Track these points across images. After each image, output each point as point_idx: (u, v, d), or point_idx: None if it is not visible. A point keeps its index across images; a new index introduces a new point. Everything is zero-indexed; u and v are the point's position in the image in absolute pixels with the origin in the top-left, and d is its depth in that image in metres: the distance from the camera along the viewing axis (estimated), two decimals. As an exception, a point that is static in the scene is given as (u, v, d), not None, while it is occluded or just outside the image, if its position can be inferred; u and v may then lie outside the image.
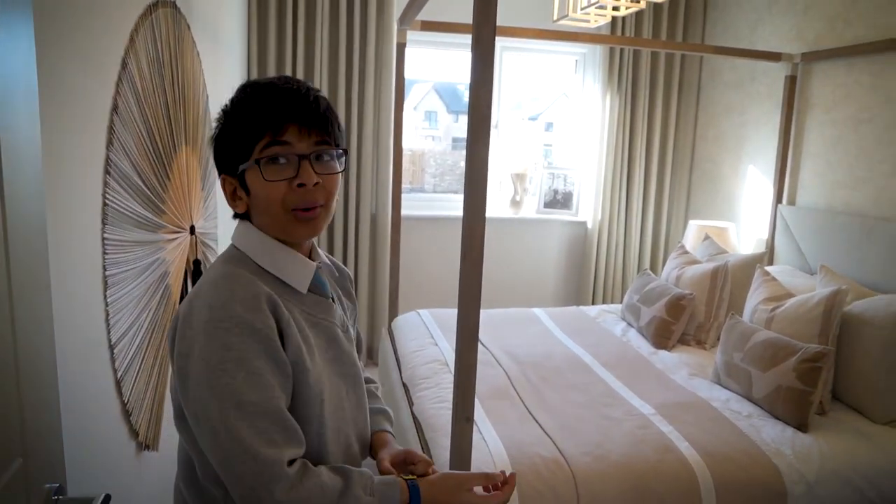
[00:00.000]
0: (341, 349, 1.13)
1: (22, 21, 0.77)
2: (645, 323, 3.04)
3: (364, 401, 1.21)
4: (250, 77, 3.78)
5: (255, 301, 0.98)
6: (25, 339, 0.76)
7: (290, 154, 1.01)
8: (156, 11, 1.85)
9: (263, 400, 0.95)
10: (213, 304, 0.97)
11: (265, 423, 0.95)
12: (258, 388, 0.95)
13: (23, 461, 0.73)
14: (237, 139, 1.03)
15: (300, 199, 1.02)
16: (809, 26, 3.39)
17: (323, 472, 0.99)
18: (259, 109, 1.01)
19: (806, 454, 2.01)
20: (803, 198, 3.44)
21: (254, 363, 0.96)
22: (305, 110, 1.02)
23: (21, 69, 0.77)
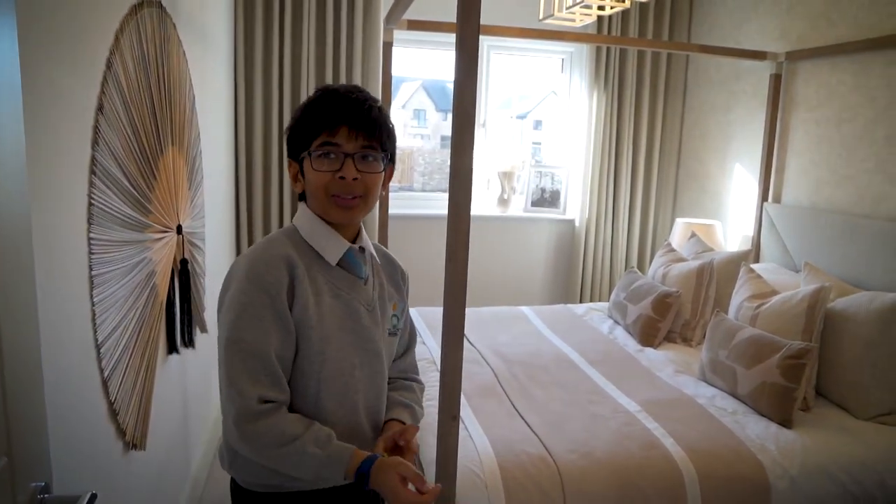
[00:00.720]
0: (360, 324, 1.29)
1: (4, 20, 0.77)
2: (632, 321, 3.07)
3: (379, 379, 1.34)
4: (237, 76, 3.78)
5: (274, 260, 1.20)
6: (10, 338, 0.76)
7: (338, 151, 1.22)
8: (141, 11, 1.85)
9: (257, 341, 1.15)
10: (248, 259, 1.21)
11: (253, 361, 1.14)
12: (255, 331, 1.15)
13: (8, 460, 0.74)
14: (302, 133, 1.25)
15: (340, 188, 1.23)
16: (793, 25, 3.42)
17: (289, 419, 1.15)
18: (321, 111, 1.23)
19: (789, 449, 2.03)
20: (788, 196, 3.48)
21: (259, 310, 1.15)
22: (357, 116, 1.22)
23: (4, 69, 0.77)
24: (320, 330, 1.22)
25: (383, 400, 1.37)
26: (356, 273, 1.31)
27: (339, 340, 1.25)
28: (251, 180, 3.93)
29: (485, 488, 1.79)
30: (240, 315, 1.15)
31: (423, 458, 1.97)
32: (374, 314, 1.32)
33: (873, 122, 2.91)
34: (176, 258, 2.22)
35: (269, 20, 3.80)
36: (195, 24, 2.67)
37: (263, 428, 1.11)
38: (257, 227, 3.96)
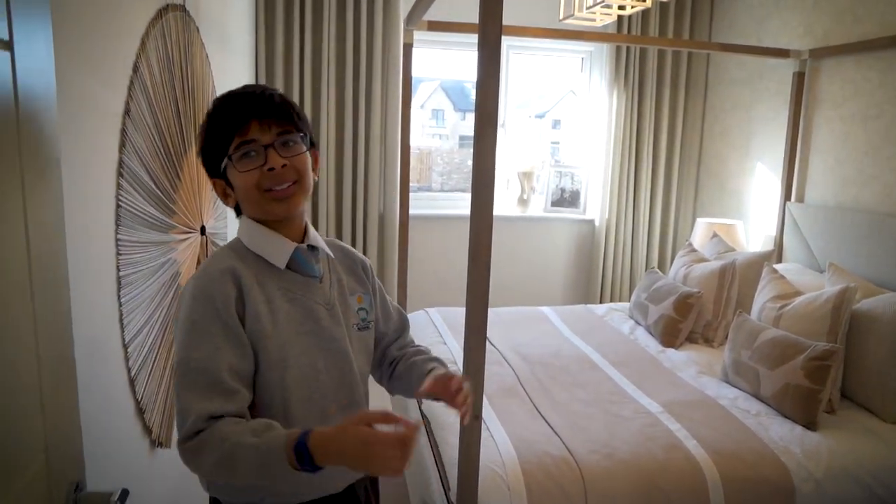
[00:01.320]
0: (320, 325, 1.23)
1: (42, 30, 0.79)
2: (653, 321, 3.05)
3: (349, 378, 1.26)
4: (258, 78, 3.81)
5: (218, 274, 1.15)
6: (46, 340, 0.78)
7: (257, 146, 1.16)
8: (166, 15, 1.87)
9: (206, 358, 1.09)
10: (194, 278, 1.17)
11: (201, 379, 1.07)
12: (204, 347, 1.09)
13: (45, 458, 0.75)
14: (215, 145, 1.19)
15: (271, 180, 1.17)
16: (818, 22, 3.38)
17: (229, 423, 1.04)
18: (225, 116, 1.18)
19: (814, 452, 2.01)
20: (812, 195, 3.44)
21: (207, 326, 1.11)
22: (261, 107, 1.18)
23: (41, 79, 0.79)
24: (277, 338, 1.16)
25: (360, 397, 1.29)
26: (308, 273, 1.25)
27: (299, 345, 1.20)
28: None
29: (507, 489, 1.79)
30: (188, 333, 1.10)
31: (444, 458, 1.98)
32: (334, 312, 1.26)
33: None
34: (199, 258, 2.24)
35: (290, 21, 3.82)
36: (217, 27, 2.69)
37: (206, 436, 1.02)
38: (278, 228, 3.99)
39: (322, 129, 3.92)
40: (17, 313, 0.72)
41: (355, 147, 4.03)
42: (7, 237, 0.69)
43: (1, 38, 0.68)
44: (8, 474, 0.68)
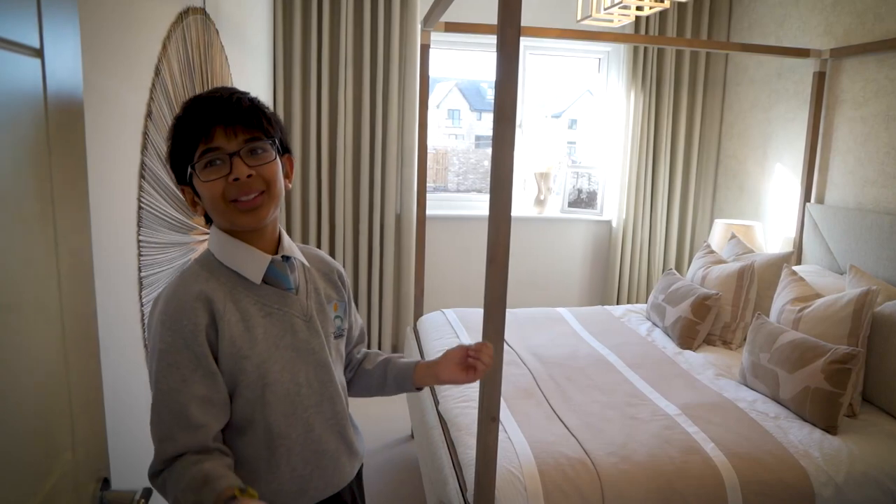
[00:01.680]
0: (298, 338, 1.20)
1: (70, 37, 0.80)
2: (670, 323, 3.03)
3: (331, 389, 1.24)
4: (276, 78, 3.84)
5: (188, 302, 1.09)
6: (74, 339, 0.79)
7: (222, 154, 1.09)
8: (186, 18, 1.89)
9: (172, 391, 1.07)
10: (163, 301, 1.12)
11: (166, 411, 1.07)
12: (171, 379, 1.07)
13: (72, 455, 0.77)
14: (180, 151, 1.13)
15: (237, 190, 1.10)
16: (838, 21, 3.35)
17: (179, 468, 1.04)
18: (190, 122, 1.11)
19: (834, 456, 1.99)
20: (832, 196, 3.40)
21: (174, 357, 1.07)
22: (227, 112, 1.10)
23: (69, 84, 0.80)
24: (255, 356, 1.14)
25: (343, 407, 1.28)
26: (284, 286, 1.20)
27: (279, 360, 1.17)
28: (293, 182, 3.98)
29: (524, 490, 1.79)
30: (158, 362, 1.08)
31: (461, 459, 1.98)
32: (312, 324, 1.22)
33: (922, 121, 2.83)
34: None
35: (307, 23, 3.85)
36: (236, 28, 2.72)
37: (164, 478, 1.06)
38: (295, 226, 4.02)
39: (339, 130, 3.94)
40: (47, 313, 0.73)
41: (372, 148, 4.05)
42: (37, 238, 0.71)
43: (32, 47, 0.69)
44: (40, 472, 0.69)
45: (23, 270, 0.67)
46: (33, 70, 0.70)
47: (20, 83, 0.67)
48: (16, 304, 0.66)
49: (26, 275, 0.68)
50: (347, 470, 1.28)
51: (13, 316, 0.65)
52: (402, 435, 3.34)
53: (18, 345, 0.66)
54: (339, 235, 4.06)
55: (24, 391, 0.67)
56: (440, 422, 2.30)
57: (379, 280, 4.20)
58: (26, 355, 0.68)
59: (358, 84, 3.97)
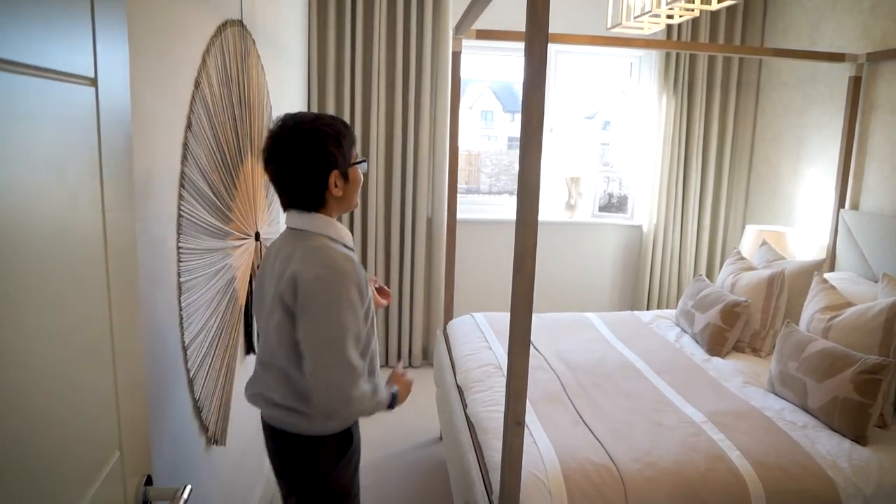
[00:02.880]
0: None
1: (120, 64, 0.86)
2: (699, 329, 3.03)
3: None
4: (311, 85, 3.92)
5: (351, 260, 1.50)
6: (120, 343, 0.85)
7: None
8: (225, 31, 1.96)
9: (357, 328, 1.47)
10: (323, 265, 1.45)
11: (358, 344, 1.48)
12: (355, 320, 1.46)
13: (119, 454, 0.83)
14: (347, 149, 1.57)
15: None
16: (876, 24, 3.30)
17: (365, 382, 1.51)
18: (352, 133, 1.60)
19: (864, 468, 1.98)
20: (867, 202, 3.36)
21: (353, 302, 1.45)
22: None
23: (119, 108, 0.86)
24: (372, 307, 1.58)
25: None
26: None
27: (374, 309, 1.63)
28: (322, 186, 4.07)
29: (549, 494, 1.82)
30: (341, 310, 1.43)
31: (488, 462, 2.02)
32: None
33: (961, 127, 2.78)
34: (254, 264, 2.33)
35: (341, 31, 3.92)
36: (272, 38, 2.79)
37: (366, 389, 1.49)
38: (327, 231, 4.09)
39: (372, 134, 4.01)
40: (96, 319, 0.79)
41: (404, 152, 4.11)
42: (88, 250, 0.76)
43: (88, 77, 0.75)
44: (91, 469, 0.75)
45: (75, 282, 0.73)
46: (88, 98, 0.76)
47: (77, 111, 0.73)
48: (68, 312, 0.72)
49: (78, 286, 0.74)
50: None
51: (65, 323, 0.71)
52: (431, 437, 3.38)
53: (69, 352, 0.72)
54: (371, 238, 4.13)
55: (74, 396, 0.72)
56: (468, 425, 2.34)
57: (410, 283, 4.25)
58: (77, 362, 0.74)
59: (390, 90, 4.03)
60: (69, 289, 0.71)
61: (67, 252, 0.71)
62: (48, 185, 0.66)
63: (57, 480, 0.67)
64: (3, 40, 0.57)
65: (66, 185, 0.70)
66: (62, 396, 0.69)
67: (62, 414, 0.69)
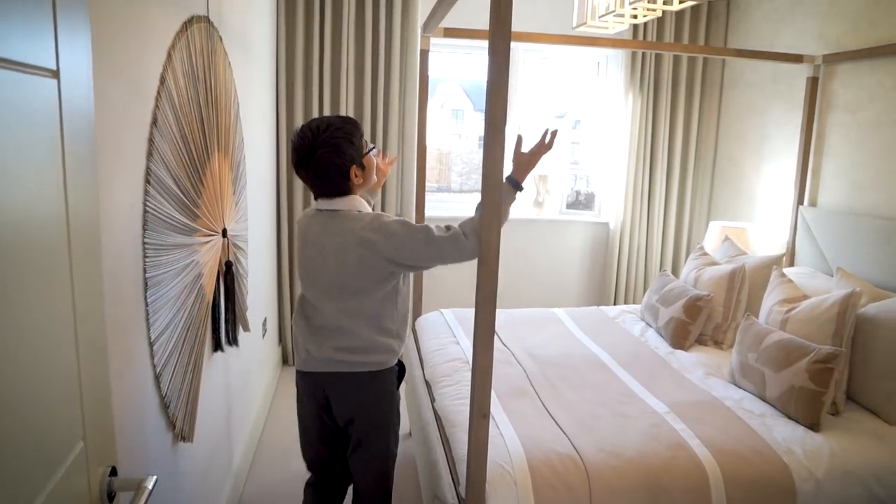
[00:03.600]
0: None
1: (83, 56, 0.87)
2: (663, 323, 3.09)
3: None
4: (279, 83, 3.91)
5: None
6: (84, 334, 0.86)
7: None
8: (191, 27, 1.96)
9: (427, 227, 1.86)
10: (387, 216, 1.90)
11: (434, 229, 1.84)
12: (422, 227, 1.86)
13: (83, 444, 0.84)
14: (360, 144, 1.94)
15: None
16: (832, 27, 3.40)
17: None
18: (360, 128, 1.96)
19: (816, 453, 2.05)
20: (825, 199, 3.46)
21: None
22: None
23: (82, 101, 0.87)
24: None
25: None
26: None
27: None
28: (292, 183, 4.06)
29: (514, 485, 1.86)
30: (405, 224, 1.87)
31: (455, 454, 2.05)
32: None
33: (911, 126, 2.88)
34: (221, 260, 2.33)
35: (310, 29, 3.92)
36: (239, 36, 2.79)
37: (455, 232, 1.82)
38: (297, 229, 4.08)
39: (340, 132, 4.00)
40: (59, 311, 0.80)
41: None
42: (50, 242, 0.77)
43: (49, 68, 0.76)
44: (54, 459, 0.76)
45: (37, 274, 0.74)
46: (51, 91, 0.76)
47: (38, 104, 0.74)
48: (31, 302, 0.72)
49: (41, 276, 0.75)
50: None
51: (29, 313, 0.72)
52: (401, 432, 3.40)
53: (32, 341, 0.73)
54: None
55: (38, 384, 0.73)
56: (436, 419, 2.37)
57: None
58: (40, 351, 0.75)
59: (359, 88, 4.04)
60: (30, 281, 0.72)
61: (29, 243, 0.72)
62: (8, 177, 0.67)
63: (17, 469, 0.68)
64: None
65: (27, 177, 0.71)
66: (23, 386, 0.70)
67: (23, 403, 0.70)
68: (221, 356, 2.45)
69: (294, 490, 2.84)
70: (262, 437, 3.32)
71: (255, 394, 3.27)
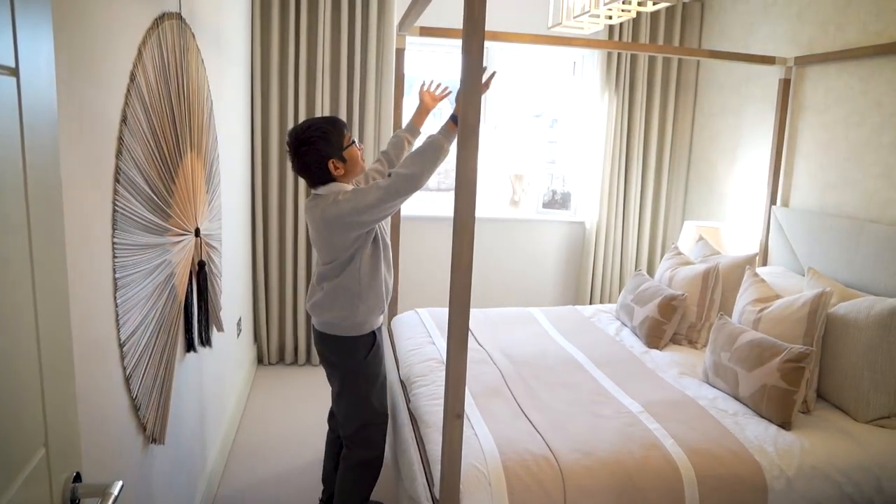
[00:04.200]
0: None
1: (44, 53, 0.85)
2: (638, 322, 3.12)
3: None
4: (254, 82, 3.87)
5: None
6: (47, 337, 0.84)
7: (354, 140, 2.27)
8: (162, 24, 1.93)
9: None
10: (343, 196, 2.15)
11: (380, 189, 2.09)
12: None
13: (45, 451, 0.82)
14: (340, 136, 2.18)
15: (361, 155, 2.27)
16: (803, 30, 3.45)
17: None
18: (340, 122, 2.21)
19: (787, 451, 2.08)
20: (796, 199, 3.51)
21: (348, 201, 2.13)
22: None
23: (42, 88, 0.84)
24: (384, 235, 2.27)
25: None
26: None
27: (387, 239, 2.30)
28: (267, 182, 4.03)
29: (488, 485, 1.86)
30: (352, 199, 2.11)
31: (429, 455, 2.04)
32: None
33: (880, 127, 2.94)
34: (194, 260, 2.30)
35: (285, 28, 3.88)
36: (213, 34, 2.75)
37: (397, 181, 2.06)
38: (272, 227, 4.05)
39: (316, 131, 3.97)
40: (20, 314, 0.78)
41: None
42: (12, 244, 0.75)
43: (7, 66, 0.74)
44: (12, 465, 0.74)
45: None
46: (9, 89, 0.74)
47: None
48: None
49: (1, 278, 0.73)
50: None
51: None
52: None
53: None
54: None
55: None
56: (410, 419, 2.36)
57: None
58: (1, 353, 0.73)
59: (335, 87, 4.01)
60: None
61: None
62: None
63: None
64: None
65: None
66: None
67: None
68: (194, 356, 2.42)
69: (269, 491, 2.82)
70: (237, 437, 3.29)
71: (229, 394, 3.24)
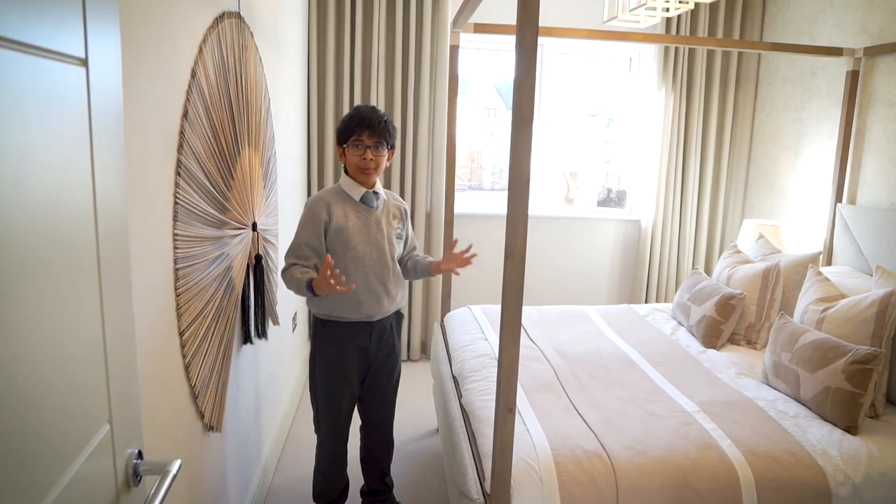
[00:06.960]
0: (370, 230, 2.29)
1: (112, 45, 0.88)
2: (695, 322, 3.04)
3: (383, 259, 2.29)
4: (310, 79, 3.94)
5: (318, 202, 2.26)
6: (111, 322, 0.87)
7: (362, 144, 2.24)
8: (222, 22, 1.98)
9: (300, 238, 2.24)
10: (309, 201, 2.29)
11: (296, 247, 2.24)
12: (303, 233, 2.23)
13: (110, 426, 0.85)
14: (345, 132, 2.26)
15: (362, 163, 2.25)
16: (873, 19, 3.31)
17: (297, 269, 2.20)
18: (355, 122, 2.24)
19: (854, 456, 2.00)
20: (864, 196, 3.37)
21: (307, 224, 2.24)
22: (373, 124, 2.22)
23: (109, 84, 0.88)
24: (346, 233, 2.23)
25: (388, 270, 2.30)
26: (369, 205, 2.30)
27: (357, 238, 2.25)
28: (322, 179, 4.09)
29: (539, 481, 1.84)
30: (301, 226, 2.24)
31: (480, 450, 2.04)
32: (380, 226, 2.30)
33: (956, 121, 2.79)
34: (251, 253, 2.35)
35: (341, 25, 3.94)
36: (271, 32, 2.81)
37: (286, 272, 2.21)
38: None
39: (370, 128, 4.02)
40: (87, 300, 0.81)
41: (403, 146, 4.12)
42: (79, 230, 0.78)
43: (78, 56, 0.77)
44: (81, 440, 0.77)
45: (65, 259, 0.75)
46: (79, 79, 0.78)
47: (67, 91, 0.75)
48: (59, 288, 0.74)
49: (69, 263, 0.76)
50: (385, 305, 2.31)
51: (59, 299, 0.73)
52: (428, 429, 3.41)
53: (59, 327, 0.74)
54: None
55: (64, 368, 0.75)
56: (462, 414, 2.36)
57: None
58: (66, 336, 0.76)
59: (390, 84, 4.05)
60: (58, 268, 0.73)
61: (56, 231, 0.73)
62: (36, 164, 0.68)
63: (44, 447, 0.69)
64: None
65: (55, 165, 0.72)
66: (50, 369, 0.71)
67: (50, 385, 0.71)
68: (251, 349, 2.47)
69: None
70: (291, 430, 3.35)
71: (283, 388, 3.30)
